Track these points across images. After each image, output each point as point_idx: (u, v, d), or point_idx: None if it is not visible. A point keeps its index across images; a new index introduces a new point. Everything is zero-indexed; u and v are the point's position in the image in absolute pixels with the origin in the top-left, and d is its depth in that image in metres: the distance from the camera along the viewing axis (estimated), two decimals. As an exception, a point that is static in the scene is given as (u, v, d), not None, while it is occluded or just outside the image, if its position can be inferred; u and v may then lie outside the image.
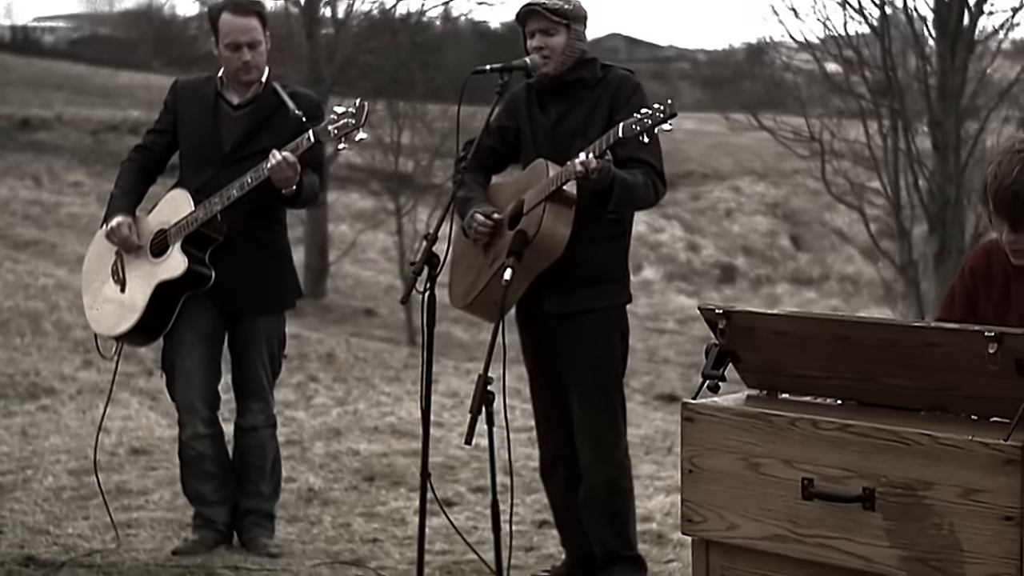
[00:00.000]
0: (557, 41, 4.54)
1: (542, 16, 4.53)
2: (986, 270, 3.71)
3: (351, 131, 4.66)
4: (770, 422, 3.23)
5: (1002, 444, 2.89)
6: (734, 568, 3.36)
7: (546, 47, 4.53)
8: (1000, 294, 3.66)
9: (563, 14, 4.54)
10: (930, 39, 15.66)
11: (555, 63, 4.54)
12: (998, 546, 2.89)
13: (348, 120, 4.66)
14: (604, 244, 4.57)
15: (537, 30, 4.55)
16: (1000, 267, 3.66)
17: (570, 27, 4.56)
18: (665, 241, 37.85)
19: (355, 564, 5.04)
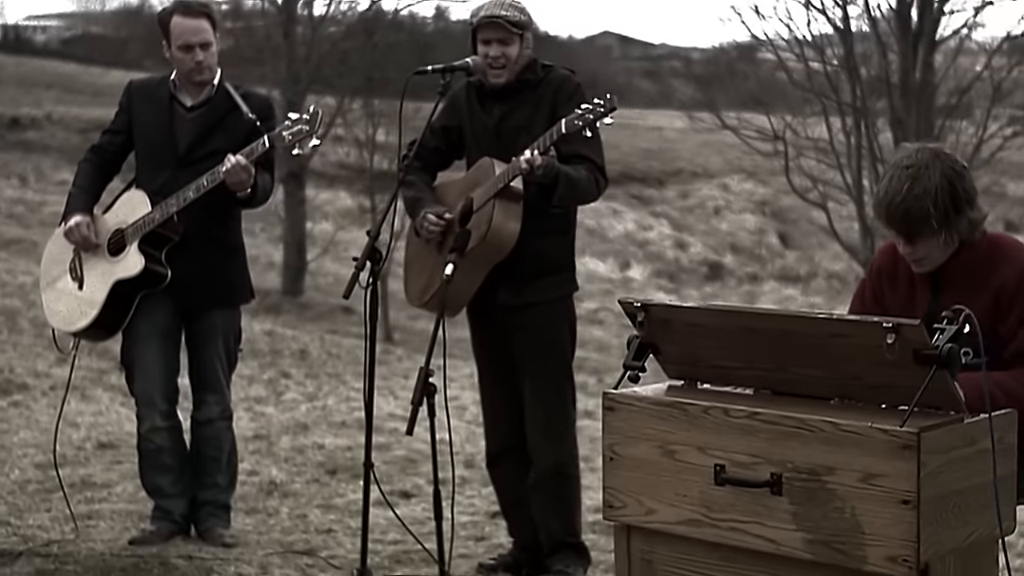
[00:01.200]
0: (513, 51, 4.66)
1: (501, 27, 4.63)
2: (892, 270, 3.84)
3: (304, 137, 4.78)
4: (685, 411, 3.35)
5: (898, 431, 3.01)
6: (653, 552, 3.48)
7: (502, 56, 4.64)
8: (905, 294, 3.80)
9: (520, 25, 4.65)
10: (893, 39, 15.82)
11: (509, 73, 4.66)
12: (896, 528, 3.01)
13: (302, 127, 4.77)
14: (551, 237, 4.69)
15: (494, 39, 4.65)
16: (906, 268, 3.80)
17: (523, 36, 4.68)
18: (653, 239, 37.99)
19: (307, 554, 5.15)
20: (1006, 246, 3.78)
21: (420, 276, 4.80)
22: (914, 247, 3.67)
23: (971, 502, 3.15)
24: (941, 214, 3.57)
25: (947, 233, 3.62)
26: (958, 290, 3.69)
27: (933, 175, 3.58)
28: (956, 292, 3.69)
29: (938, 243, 3.64)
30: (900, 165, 3.72)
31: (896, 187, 3.61)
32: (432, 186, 4.86)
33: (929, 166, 3.61)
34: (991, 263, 3.68)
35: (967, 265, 3.69)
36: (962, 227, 3.65)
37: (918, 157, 3.69)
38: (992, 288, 3.64)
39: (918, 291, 3.77)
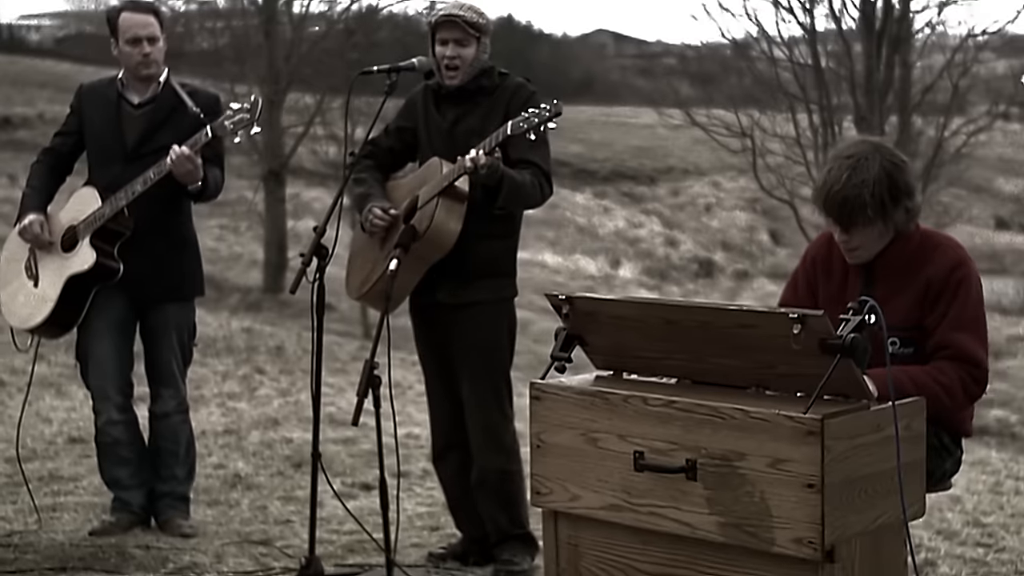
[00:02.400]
0: (469, 52, 4.75)
1: (459, 27, 4.72)
2: (826, 259, 3.95)
3: (246, 125, 4.88)
4: (606, 399, 3.47)
5: (803, 417, 3.13)
6: (578, 536, 3.60)
7: (458, 57, 4.72)
8: (838, 285, 3.91)
9: (478, 27, 4.74)
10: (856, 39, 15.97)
11: (463, 75, 4.75)
12: (802, 511, 3.13)
13: (243, 115, 4.88)
14: (495, 240, 4.79)
15: (451, 39, 4.73)
16: (839, 258, 3.91)
17: (480, 40, 4.77)
18: (643, 237, 38.08)
19: (262, 543, 5.26)
20: (938, 241, 3.89)
21: (361, 270, 4.91)
22: (850, 236, 3.78)
23: (878, 487, 3.27)
24: (878, 203, 3.69)
25: (883, 223, 3.74)
26: (889, 282, 3.80)
27: (872, 166, 3.71)
28: (888, 284, 3.81)
29: (873, 233, 3.75)
30: (840, 156, 3.85)
31: (835, 176, 3.73)
32: (382, 184, 4.95)
33: (869, 157, 3.74)
34: (922, 257, 3.79)
35: (899, 258, 3.80)
36: (898, 218, 3.76)
37: (858, 148, 3.83)
38: (922, 281, 3.76)
39: (851, 282, 3.88)
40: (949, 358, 3.69)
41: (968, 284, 3.74)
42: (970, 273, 3.77)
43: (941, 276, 3.73)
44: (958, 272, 3.73)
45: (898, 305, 3.74)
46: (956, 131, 16.82)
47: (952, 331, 3.70)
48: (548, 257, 31.91)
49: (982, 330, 3.75)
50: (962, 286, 3.72)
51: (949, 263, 3.75)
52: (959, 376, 3.67)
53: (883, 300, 3.76)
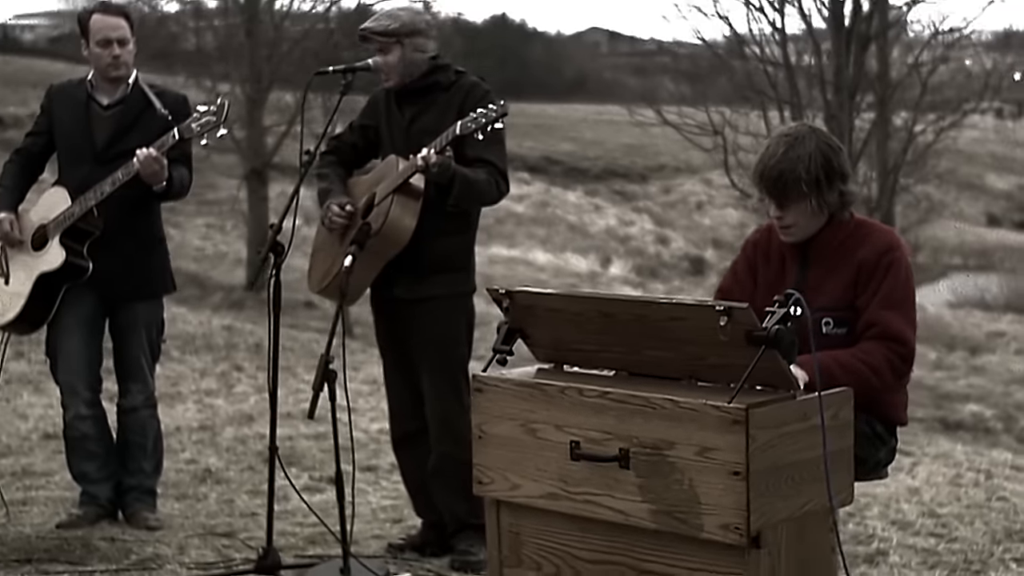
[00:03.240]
0: (392, 58, 4.87)
1: (372, 40, 4.89)
2: (766, 246, 4.07)
3: (212, 128, 4.98)
4: (543, 391, 3.56)
5: (728, 407, 3.22)
6: (519, 524, 3.70)
7: (384, 64, 4.88)
8: (776, 270, 4.02)
9: (390, 33, 4.86)
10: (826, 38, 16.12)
11: (396, 78, 4.87)
12: (728, 498, 3.23)
13: (210, 118, 4.98)
14: (451, 236, 4.90)
15: (375, 51, 4.90)
16: (778, 244, 4.03)
17: (403, 43, 4.88)
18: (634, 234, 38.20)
19: (226, 536, 5.36)
20: (871, 227, 4.02)
21: (322, 264, 5.01)
22: (784, 213, 3.90)
23: (805, 474, 3.36)
24: (812, 179, 3.81)
25: (816, 200, 3.85)
26: (824, 264, 3.92)
27: (808, 144, 3.84)
28: (822, 266, 3.93)
29: (807, 210, 3.86)
30: (779, 134, 3.99)
31: (772, 152, 3.87)
32: (344, 180, 5.06)
33: (806, 137, 3.88)
34: (856, 240, 3.91)
35: (833, 241, 3.92)
36: (832, 199, 3.88)
37: (796, 129, 3.97)
38: (855, 264, 3.87)
39: (788, 266, 3.99)
40: (876, 337, 3.79)
41: (898, 266, 3.85)
42: (901, 256, 3.89)
43: (872, 258, 3.85)
44: (889, 255, 3.85)
45: (832, 287, 3.86)
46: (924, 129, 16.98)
47: (881, 310, 3.81)
48: (539, 255, 32.01)
49: (910, 311, 3.86)
50: (892, 268, 3.84)
51: (881, 246, 3.87)
52: (886, 356, 3.78)
53: (817, 282, 3.89)
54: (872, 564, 5.18)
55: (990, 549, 5.39)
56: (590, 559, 3.55)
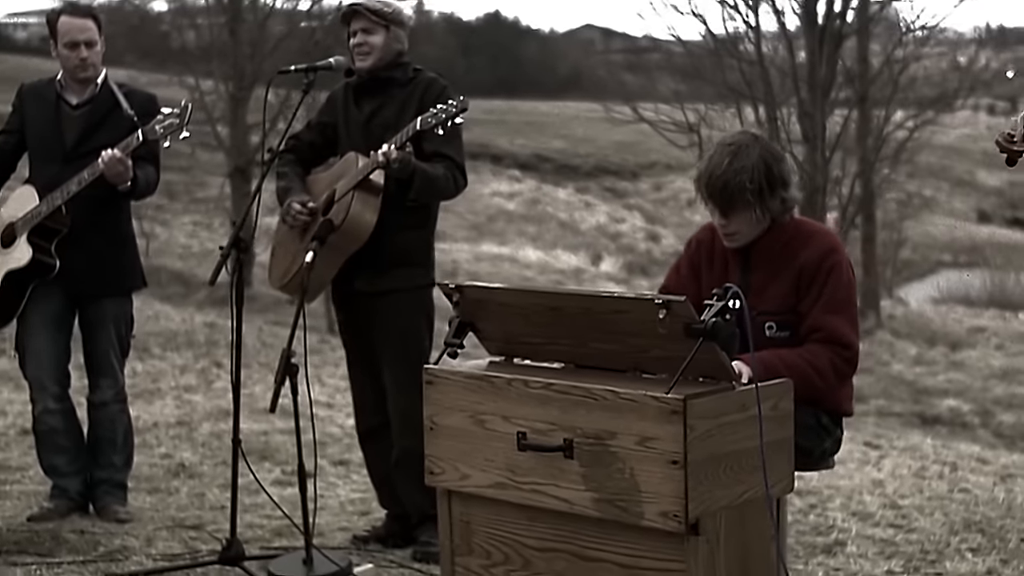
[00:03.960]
0: (376, 40, 4.95)
1: (363, 16, 4.96)
2: (709, 246, 4.15)
3: (175, 130, 5.05)
4: (492, 383, 3.64)
5: (667, 397, 3.30)
6: (470, 514, 3.78)
7: (366, 44, 4.95)
8: (719, 271, 4.10)
9: (382, 15, 4.95)
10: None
11: (373, 59, 4.95)
12: (667, 486, 3.31)
13: (173, 120, 5.05)
14: (410, 231, 4.98)
15: (359, 29, 4.97)
16: (721, 246, 4.12)
17: (389, 28, 4.97)
18: (625, 231, 38.29)
19: (195, 528, 5.44)
20: (811, 230, 4.11)
21: (283, 261, 5.09)
22: (729, 221, 3.98)
23: (744, 463, 3.44)
24: (756, 188, 3.90)
25: (760, 208, 3.94)
26: (765, 268, 4.00)
27: (752, 154, 3.93)
28: (763, 270, 4.01)
29: (751, 218, 3.95)
30: (722, 144, 4.08)
31: (717, 162, 3.95)
32: (303, 177, 5.14)
33: (749, 146, 3.96)
34: (796, 244, 3.99)
35: (774, 245, 4.00)
36: (775, 206, 3.96)
37: (739, 138, 4.05)
38: (796, 268, 3.96)
39: (730, 268, 4.08)
40: (821, 340, 3.88)
41: (839, 270, 3.93)
42: (841, 260, 3.97)
43: (813, 263, 3.93)
44: (830, 258, 3.93)
45: (774, 291, 3.94)
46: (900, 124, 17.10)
47: (824, 314, 3.89)
48: (529, 252, 32.07)
49: (852, 313, 3.95)
50: (833, 272, 3.92)
51: (821, 250, 3.95)
52: (830, 359, 3.86)
53: (760, 286, 3.97)
54: (829, 554, 5.27)
55: (947, 539, 5.48)
56: (537, 547, 3.63)
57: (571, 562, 3.56)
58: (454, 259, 27.54)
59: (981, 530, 5.64)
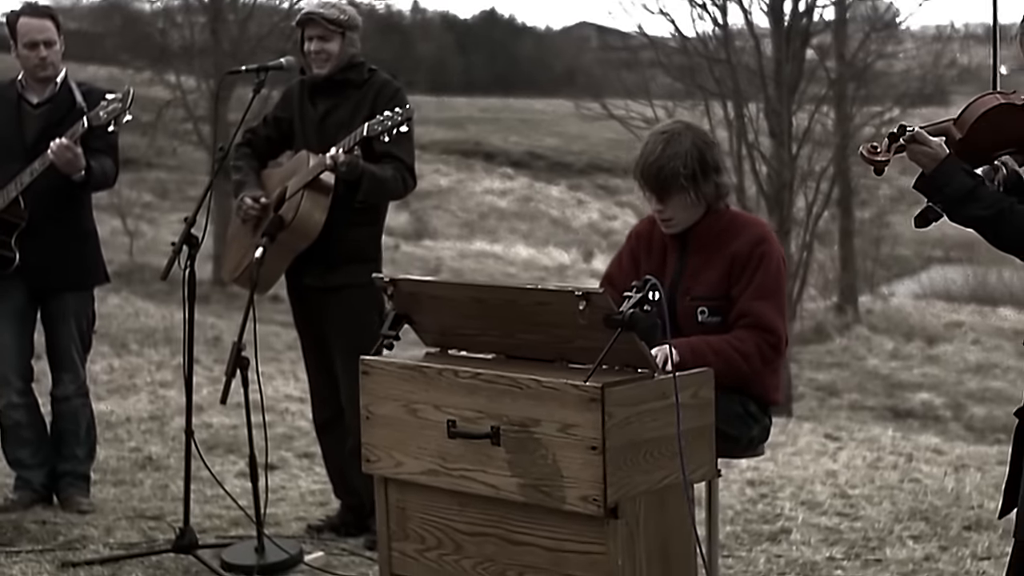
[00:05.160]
0: (332, 47, 5.08)
1: (319, 24, 5.07)
2: (649, 235, 4.29)
3: (119, 114, 5.16)
4: (423, 373, 3.77)
5: (585, 386, 3.43)
6: (405, 500, 3.91)
7: (323, 51, 5.08)
8: (658, 259, 4.23)
9: (338, 23, 5.07)
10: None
11: (331, 66, 5.08)
12: (587, 472, 3.43)
13: (116, 105, 5.16)
14: (359, 228, 5.10)
15: (315, 36, 5.09)
16: (660, 235, 4.24)
17: (344, 34, 5.09)
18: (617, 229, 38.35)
19: (155, 518, 5.56)
20: (745, 220, 4.26)
21: (236, 255, 5.22)
22: (665, 206, 4.12)
23: (664, 450, 3.56)
24: (690, 173, 4.04)
25: (694, 193, 4.08)
26: (701, 254, 4.14)
27: (684, 141, 4.08)
28: (699, 256, 4.15)
29: (686, 203, 4.09)
30: (656, 132, 4.22)
31: (651, 149, 4.11)
32: (258, 172, 5.26)
33: (681, 133, 4.12)
34: (731, 232, 4.13)
35: (710, 232, 4.14)
36: (708, 191, 4.11)
37: (672, 126, 4.21)
38: (729, 254, 4.09)
39: (668, 255, 4.21)
40: (748, 326, 4.01)
41: (770, 258, 4.07)
42: (772, 249, 4.10)
43: (745, 250, 4.06)
44: (761, 247, 4.07)
45: (708, 277, 4.08)
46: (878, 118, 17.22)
47: (753, 300, 4.02)
48: (521, 249, 32.18)
49: (781, 301, 4.08)
50: (764, 260, 4.05)
51: (753, 239, 4.08)
52: (757, 344, 4.00)
53: (695, 270, 4.11)
54: (774, 542, 5.39)
55: (891, 527, 5.60)
56: (468, 531, 3.75)
57: (500, 546, 3.68)
58: (439, 256, 27.67)
59: (926, 518, 5.76)
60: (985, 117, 3.31)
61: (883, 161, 3.26)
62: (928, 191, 3.29)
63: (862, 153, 3.26)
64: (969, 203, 3.23)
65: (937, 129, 3.36)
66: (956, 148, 3.33)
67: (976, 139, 3.32)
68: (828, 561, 5.13)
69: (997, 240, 3.32)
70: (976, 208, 3.23)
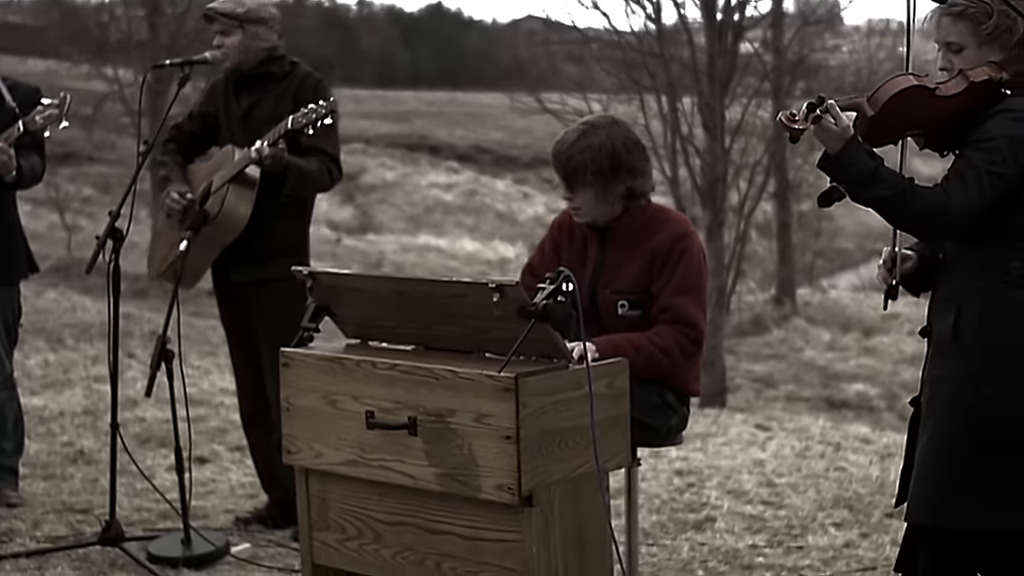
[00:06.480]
0: (232, 40, 5.12)
1: (216, 19, 5.13)
2: (571, 226, 4.33)
3: (55, 120, 5.16)
4: (342, 364, 3.80)
5: (499, 376, 3.47)
6: (326, 490, 3.94)
7: (223, 45, 5.12)
8: (579, 250, 4.28)
9: (235, 16, 5.10)
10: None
11: (233, 59, 5.11)
12: (501, 461, 3.48)
13: (53, 111, 5.16)
14: (286, 221, 5.13)
15: (216, 31, 5.15)
16: (581, 227, 4.29)
17: (244, 28, 5.11)
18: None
19: (83, 512, 5.56)
20: (667, 216, 4.29)
21: (161, 249, 5.23)
22: (573, 195, 4.18)
23: (578, 439, 3.61)
24: (597, 169, 4.09)
25: (601, 190, 4.12)
26: (621, 248, 4.19)
27: (600, 135, 4.11)
28: (620, 251, 4.20)
29: (592, 197, 4.14)
30: (581, 121, 4.26)
31: (568, 137, 4.15)
32: (183, 167, 5.28)
33: (601, 128, 4.15)
34: (652, 227, 4.18)
35: (630, 227, 4.18)
36: (617, 190, 4.14)
37: (596, 119, 4.24)
38: (649, 250, 4.14)
39: (589, 248, 4.26)
40: (669, 321, 4.07)
41: (690, 254, 4.12)
42: (692, 245, 4.15)
43: (666, 246, 4.11)
44: (681, 243, 4.12)
45: (628, 271, 4.13)
46: None
47: (673, 296, 4.08)
48: (467, 243, 32.19)
49: (701, 296, 4.14)
50: (684, 255, 4.10)
51: (674, 234, 4.13)
52: (677, 339, 4.05)
53: (615, 265, 4.16)
54: (699, 530, 5.47)
55: (814, 515, 5.69)
56: (387, 521, 3.79)
57: (419, 535, 3.72)
58: (381, 250, 27.64)
59: (849, 506, 5.86)
60: (898, 97, 3.36)
61: (799, 130, 3.30)
62: (832, 171, 3.34)
63: (780, 120, 3.29)
64: (871, 184, 3.29)
65: (850, 104, 3.40)
66: (867, 125, 3.36)
67: (886, 118, 3.37)
68: (751, 548, 5.21)
69: (897, 220, 3.39)
70: (878, 189, 3.29)
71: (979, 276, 3.38)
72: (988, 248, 3.37)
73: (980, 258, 3.39)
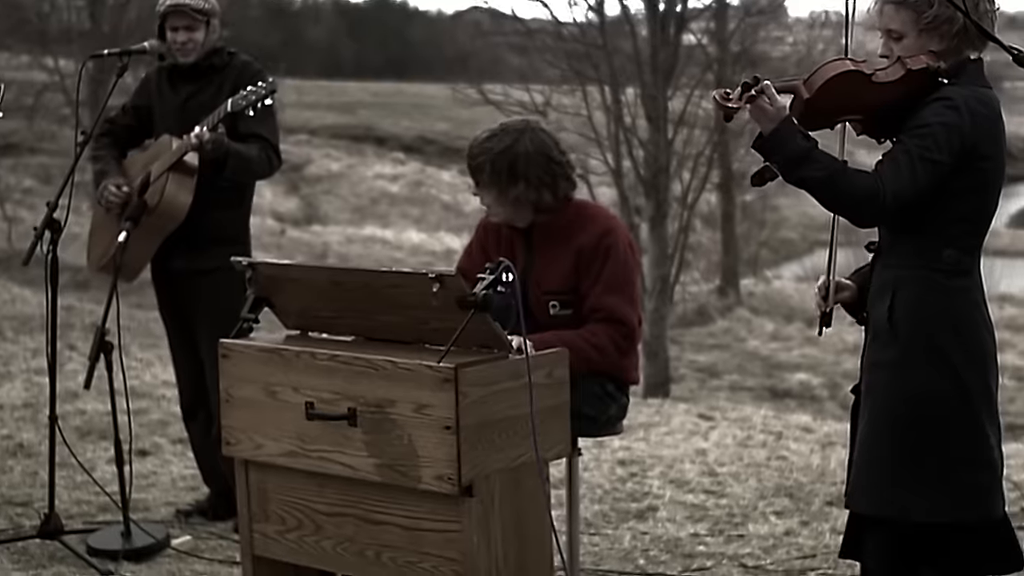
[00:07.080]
0: (198, 36, 5.09)
1: (187, 15, 5.06)
2: (497, 227, 4.34)
3: None
4: (281, 355, 3.79)
5: (439, 366, 3.47)
6: (266, 481, 3.93)
7: (190, 41, 5.08)
8: (507, 250, 4.28)
9: (204, 12, 5.07)
10: None
11: (198, 55, 5.08)
12: (441, 451, 3.48)
13: None
14: (227, 210, 5.11)
15: (181, 26, 5.08)
16: (507, 229, 4.29)
17: (209, 23, 5.08)
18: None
19: (23, 505, 5.52)
20: (590, 212, 4.28)
21: (100, 243, 5.19)
22: (480, 192, 4.19)
23: (518, 428, 3.62)
24: (495, 172, 4.10)
25: (500, 194, 4.12)
26: (547, 250, 4.20)
27: (506, 139, 4.12)
28: (545, 251, 4.20)
29: (495, 198, 4.15)
30: (501, 123, 4.26)
31: (480, 136, 4.17)
32: (119, 160, 5.24)
33: (512, 132, 4.15)
34: (576, 225, 4.18)
35: (553, 227, 4.19)
36: (521, 196, 4.12)
37: (514, 123, 4.24)
38: (575, 249, 4.14)
39: (516, 248, 4.26)
40: (601, 320, 4.09)
41: (616, 250, 4.12)
42: (618, 240, 4.15)
43: (591, 244, 4.12)
44: (607, 239, 4.12)
45: (555, 271, 4.13)
46: None
47: (603, 295, 4.09)
48: (412, 234, 32.13)
49: (631, 291, 4.15)
50: (611, 252, 4.11)
51: (598, 232, 4.14)
52: (610, 336, 4.07)
53: (543, 265, 4.17)
54: (641, 519, 5.49)
55: (755, 503, 5.73)
56: (327, 512, 3.78)
57: (359, 526, 3.72)
58: (325, 241, 27.54)
59: (790, 494, 5.90)
60: (833, 81, 3.38)
61: (734, 109, 3.31)
62: (765, 151, 3.36)
63: (715, 98, 3.30)
64: (804, 164, 3.30)
65: (786, 86, 3.41)
66: (802, 107, 3.38)
67: (821, 101, 3.38)
68: (692, 537, 5.24)
69: (830, 203, 3.40)
70: (811, 169, 3.30)
71: (914, 264, 3.42)
72: (923, 236, 3.41)
73: (915, 246, 3.42)
